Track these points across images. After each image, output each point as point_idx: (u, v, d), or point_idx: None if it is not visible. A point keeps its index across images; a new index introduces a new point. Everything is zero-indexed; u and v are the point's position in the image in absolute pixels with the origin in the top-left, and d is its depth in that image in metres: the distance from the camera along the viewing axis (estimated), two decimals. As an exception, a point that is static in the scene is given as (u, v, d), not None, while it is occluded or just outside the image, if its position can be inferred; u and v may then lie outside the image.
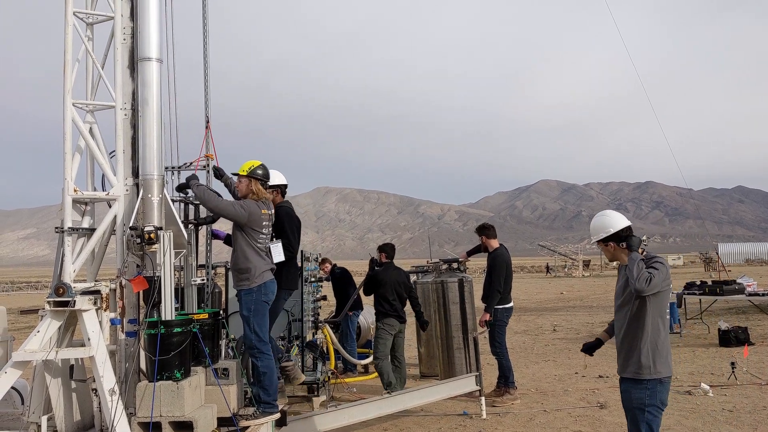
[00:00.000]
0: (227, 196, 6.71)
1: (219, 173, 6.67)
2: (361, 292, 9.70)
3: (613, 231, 4.67)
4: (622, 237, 4.64)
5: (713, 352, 12.03)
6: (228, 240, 7.05)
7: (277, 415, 6.08)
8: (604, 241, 4.72)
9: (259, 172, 6.27)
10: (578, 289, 34.94)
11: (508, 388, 8.76)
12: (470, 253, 9.94)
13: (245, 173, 6.24)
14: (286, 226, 6.99)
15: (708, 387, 8.83)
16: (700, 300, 15.57)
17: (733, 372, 9.53)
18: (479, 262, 49.97)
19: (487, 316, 8.80)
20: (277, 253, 6.44)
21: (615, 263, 4.97)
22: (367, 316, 12.07)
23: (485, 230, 9.34)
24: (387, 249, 9.33)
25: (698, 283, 15.49)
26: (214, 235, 7.10)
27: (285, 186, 7.42)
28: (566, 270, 63.35)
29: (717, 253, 41.11)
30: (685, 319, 15.44)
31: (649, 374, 4.45)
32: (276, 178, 7.23)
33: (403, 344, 9.11)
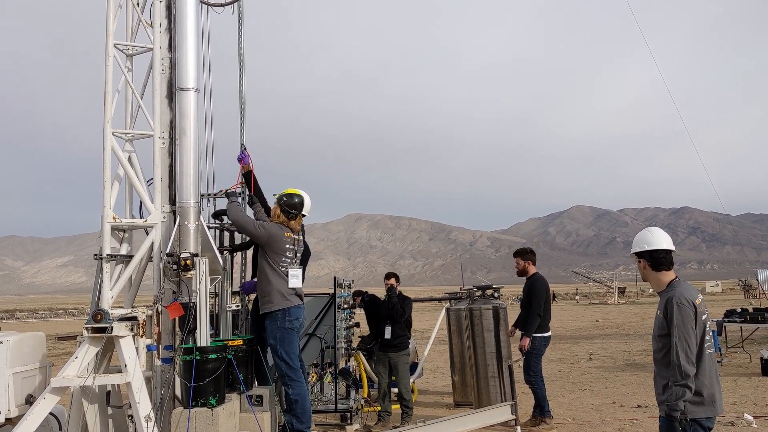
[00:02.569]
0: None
1: (251, 200, 6.79)
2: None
3: (647, 248, 4.51)
4: (655, 259, 4.44)
5: (756, 382, 11.68)
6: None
7: (311, 443, 6.05)
8: (638, 256, 4.58)
9: (285, 199, 6.39)
10: (614, 316, 34.33)
11: (544, 418, 8.57)
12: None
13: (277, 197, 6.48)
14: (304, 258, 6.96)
15: (751, 418, 8.56)
16: (741, 328, 15.16)
17: (777, 402, 9.24)
18: (513, 289, 49.41)
19: (527, 341, 8.52)
20: (295, 279, 6.36)
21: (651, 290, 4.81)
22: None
23: (528, 254, 8.97)
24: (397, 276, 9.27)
25: (739, 310, 15.11)
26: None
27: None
28: (577, 299, 61.99)
29: (757, 280, 40.03)
30: (725, 348, 15.04)
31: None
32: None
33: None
